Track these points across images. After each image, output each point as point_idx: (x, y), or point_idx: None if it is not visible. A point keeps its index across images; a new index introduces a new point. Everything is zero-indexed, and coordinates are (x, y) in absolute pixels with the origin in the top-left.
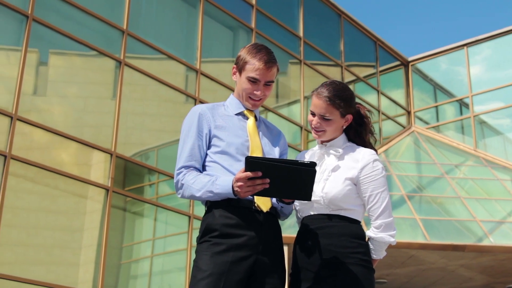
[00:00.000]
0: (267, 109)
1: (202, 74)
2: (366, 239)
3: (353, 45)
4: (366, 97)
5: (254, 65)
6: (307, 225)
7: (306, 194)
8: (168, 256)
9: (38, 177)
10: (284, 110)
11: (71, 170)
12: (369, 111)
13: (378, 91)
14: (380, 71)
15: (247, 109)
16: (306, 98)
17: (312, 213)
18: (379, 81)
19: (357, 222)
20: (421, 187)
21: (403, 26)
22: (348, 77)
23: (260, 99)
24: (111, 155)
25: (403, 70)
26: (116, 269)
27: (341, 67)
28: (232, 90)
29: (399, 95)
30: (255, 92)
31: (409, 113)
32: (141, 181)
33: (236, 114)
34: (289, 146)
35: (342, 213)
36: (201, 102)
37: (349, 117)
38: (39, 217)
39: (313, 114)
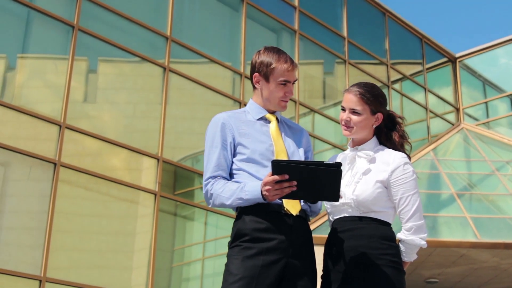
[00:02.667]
0: (313, 111)
1: (247, 77)
2: (397, 241)
3: (399, 43)
4: (413, 95)
5: (282, 68)
6: (337, 227)
7: (333, 195)
8: (219, 259)
9: (90, 183)
10: (330, 110)
11: (122, 176)
12: (401, 117)
13: (425, 89)
14: (427, 69)
15: (269, 112)
16: None
17: (342, 215)
18: (426, 79)
19: (387, 224)
20: (471, 184)
21: (449, 22)
22: (394, 76)
23: (288, 99)
24: (158, 160)
25: (450, 66)
26: (168, 272)
27: (387, 65)
28: None
29: (447, 92)
30: (286, 94)
31: (457, 110)
32: (191, 185)
33: (258, 119)
34: (336, 147)
35: (373, 215)
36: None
37: (379, 115)
38: (92, 222)
39: (344, 110)
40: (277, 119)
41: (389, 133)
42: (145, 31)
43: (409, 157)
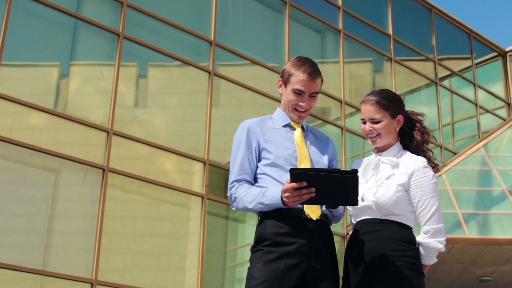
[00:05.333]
0: (359, 110)
1: None
2: (417, 244)
3: (446, 39)
4: (463, 91)
5: (298, 77)
6: (358, 229)
7: (352, 200)
8: None
9: (143, 187)
10: None
11: (172, 180)
12: (420, 114)
13: (474, 85)
14: (476, 64)
15: (294, 120)
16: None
17: (364, 217)
18: (475, 74)
19: (407, 227)
20: None
21: (498, 16)
22: (441, 72)
23: (306, 110)
24: (204, 163)
25: (500, 61)
26: (221, 273)
27: (434, 62)
28: (321, 93)
29: (497, 87)
30: (300, 103)
31: (509, 105)
32: None
33: (283, 126)
34: None
35: (393, 218)
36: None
37: (400, 117)
38: (145, 225)
39: (364, 122)
40: (302, 127)
41: (410, 134)
42: (190, 36)
43: (434, 165)
